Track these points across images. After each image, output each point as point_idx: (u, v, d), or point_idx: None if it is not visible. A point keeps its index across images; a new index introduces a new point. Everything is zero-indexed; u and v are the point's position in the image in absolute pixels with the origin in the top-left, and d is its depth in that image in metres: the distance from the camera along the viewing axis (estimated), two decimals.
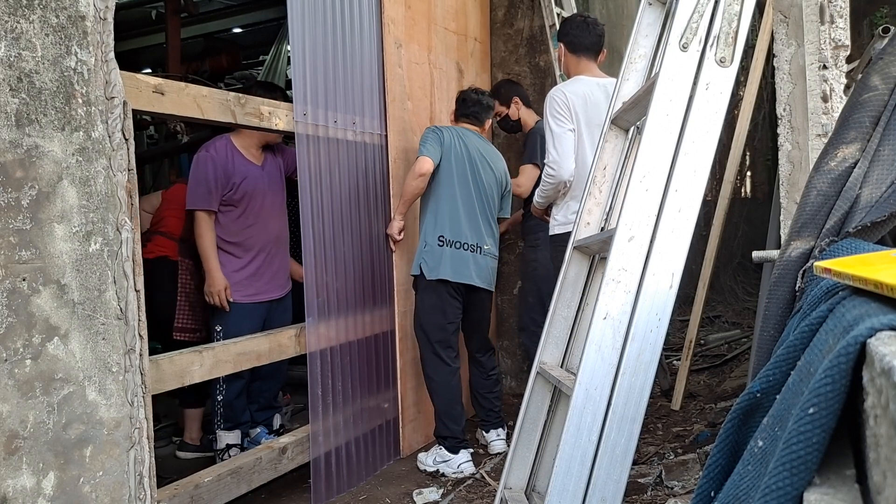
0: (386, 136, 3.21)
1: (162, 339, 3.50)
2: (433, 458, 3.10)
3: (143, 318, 1.88)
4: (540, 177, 3.18)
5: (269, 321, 3.19)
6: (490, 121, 3.44)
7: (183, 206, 3.41)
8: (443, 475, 3.04)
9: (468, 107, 3.31)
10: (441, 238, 3.11)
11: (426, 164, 3.06)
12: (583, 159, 2.97)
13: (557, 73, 3.76)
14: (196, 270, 3.39)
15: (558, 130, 2.96)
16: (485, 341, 3.39)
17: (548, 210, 3.23)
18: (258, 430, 3.29)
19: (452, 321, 3.16)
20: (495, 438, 3.31)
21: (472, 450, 3.18)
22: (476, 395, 3.37)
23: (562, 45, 3.16)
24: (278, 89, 3.54)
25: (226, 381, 3.07)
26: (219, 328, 3.10)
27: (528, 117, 3.75)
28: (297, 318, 3.11)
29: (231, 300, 3.06)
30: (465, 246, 3.14)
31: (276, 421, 3.46)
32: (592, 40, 3.08)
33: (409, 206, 3.20)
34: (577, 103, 2.97)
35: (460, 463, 3.05)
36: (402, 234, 3.23)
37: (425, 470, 3.09)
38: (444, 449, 3.09)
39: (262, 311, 3.19)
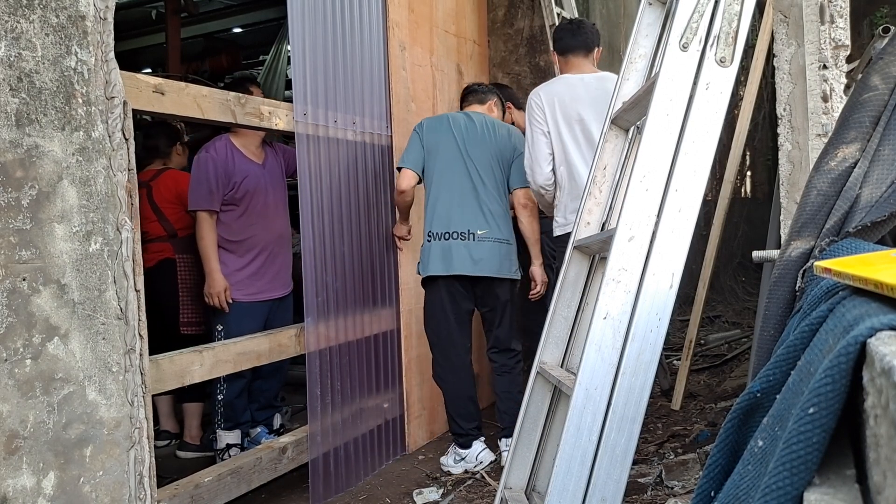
0: (391, 136, 3.22)
1: (163, 339, 3.49)
2: (453, 458, 3.10)
3: (143, 317, 1.87)
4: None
5: (271, 321, 3.19)
6: (497, 108, 3.34)
7: (170, 202, 3.43)
8: (449, 473, 3.04)
9: (471, 86, 3.35)
10: (429, 234, 3.04)
11: (404, 181, 3.00)
12: (565, 156, 2.96)
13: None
14: (195, 264, 3.38)
15: (531, 136, 2.98)
16: (497, 339, 3.12)
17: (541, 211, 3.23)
18: (258, 429, 3.29)
19: (453, 317, 3.05)
20: (505, 448, 3.27)
21: (483, 437, 3.13)
22: (496, 399, 3.18)
23: (554, 52, 3.20)
24: (252, 79, 3.54)
25: (227, 381, 3.07)
26: (220, 327, 3.09)
27: (521, 120, 3.74)
28: (299, 317, 3.11)
29: (232, 300, 3.06)
30: (454, 235, 2.98)
31: (276, 421, 3.46)
32: (579, 39, 3.08)
33: (406, 214, 3.18)
34: (554, 101, 2.96)
35: (478, 454, 3.05)
36: (411, 231, 3.25)
37: (449, 472, 3.07)
38: (457, 447, 3.09)
39: (264, 310, 3.19)
